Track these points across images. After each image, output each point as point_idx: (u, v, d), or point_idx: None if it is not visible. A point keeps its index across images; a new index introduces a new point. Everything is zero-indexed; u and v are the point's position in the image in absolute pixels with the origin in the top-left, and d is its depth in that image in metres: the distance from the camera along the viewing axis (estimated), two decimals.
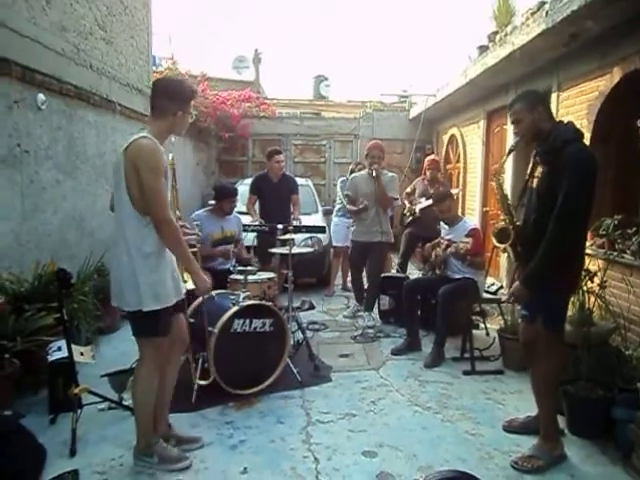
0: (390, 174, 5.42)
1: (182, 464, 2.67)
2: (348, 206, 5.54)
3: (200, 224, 4.23)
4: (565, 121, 2.82)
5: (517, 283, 2.77)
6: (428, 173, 6.27)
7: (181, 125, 2.65)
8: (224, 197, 4.69)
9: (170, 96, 2.59)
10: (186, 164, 8.27)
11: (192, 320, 3.63)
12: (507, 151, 3.11)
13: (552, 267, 2.61)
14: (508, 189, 5.82)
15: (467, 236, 4.28)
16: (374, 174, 5.07)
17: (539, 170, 2.76)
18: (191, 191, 8.94)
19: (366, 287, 5.50)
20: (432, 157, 6.62)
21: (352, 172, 6.38)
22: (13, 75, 3.97)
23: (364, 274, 5.54)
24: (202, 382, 3.32)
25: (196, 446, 2.88)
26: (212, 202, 4.92)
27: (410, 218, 6.13)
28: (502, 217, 2.91)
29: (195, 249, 2.97)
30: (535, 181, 2.78)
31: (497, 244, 2.90)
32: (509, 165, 6.24)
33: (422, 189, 6.23)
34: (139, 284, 2.44)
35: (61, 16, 4.75)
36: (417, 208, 6.01)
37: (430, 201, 5.41)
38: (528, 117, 2.71)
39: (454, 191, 6.65)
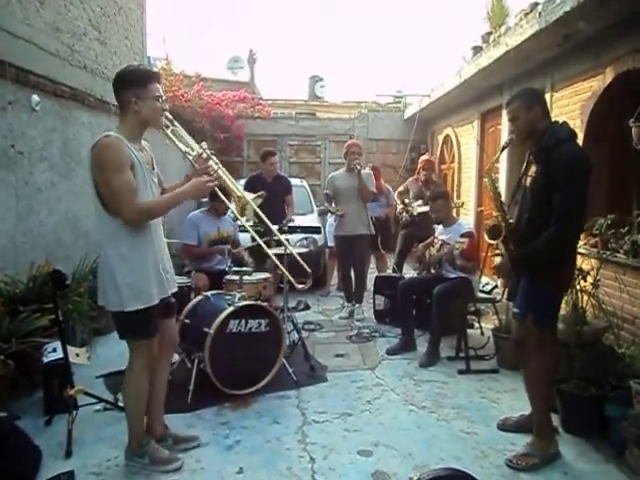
0: (366, 171, 5.71)
1: (173, 465, 2.66)
2: (326, 204, 5.80)
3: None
4: (560, 121, 2.84)
5: (505, 259, 2.81)
6: (422, 174, 6.25)
7: (147, 113, 2.46)
8: (216, 197, 4.69)
9: (124, 84, 2.46)
10: (181, 165, 8.26)
11: (187, 321, 3.65)
12: (500, 148, 3.12)
13: (544, 263, 2.65)
14: (502, 187, 5.86)
15: (462, 236, 4.30)
16: (358, 167, 5.32)
17: (533, 169, 2.78)
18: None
19: (354, 283, 5.68)
20: (426, 157, 6.56)
21: None
22: (7, 76, 3.96)
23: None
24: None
25: (193, 445, 2.88)
26: (205, 200, 4.91)
27: (407, 219, 6.10)
28: (495, 214, 2.93)
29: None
30: (529, 180, 2.80)
31: (489, 240, 2.92)
32: (503, 164, 6.28)
33: (417, 190, 6.21)
34: (119, 285, 2.43)
35: (55, 17, 4.74)
36: (415, 212, 5.98)
37: (427, 207, 5.44)
38: (524, 116, 2.72)
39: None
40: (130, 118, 2.49)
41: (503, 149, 3.10)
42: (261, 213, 3.07)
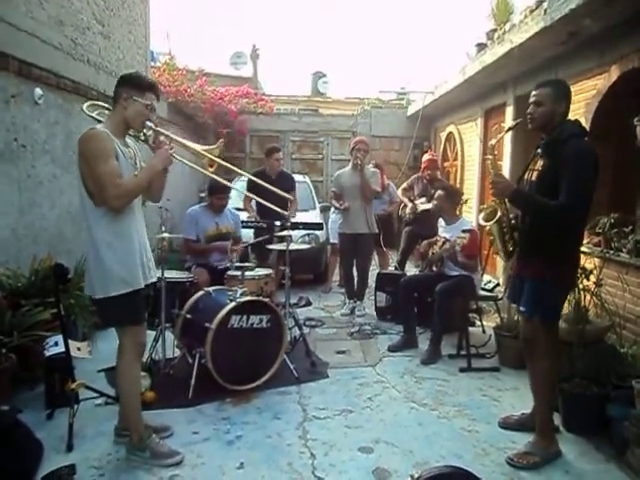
0: (372, 170, 5.74)
1: (173, 459, 2.67)
2: (333, 201, 5.85)
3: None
4: (572, 119, 2.83)
5: (509, 183, 2.82)
6: (427, 172, 6.22)
7: (131, 113, 2.58)
8: (212, 193, 4.71)
9: (122, 82, 2.62)
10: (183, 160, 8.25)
11: (189, 316, 3.66)
12: (506, 128, 3.09)
13: (536, 214, 2.72)
14: None
15: (463, 232, 4.29)
16: (359, 162, 5.36)
17: (539, 163, 2.77)
18: (188, 187, 8.93)
19: (356, 280, 5.71)
20: (429, 157, 6.45)
21: None
22: (10, 69, 3.95)
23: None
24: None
25: (165, 435, 2.90)
26: (202, 195, 4.92)
27: (411, 217, 6.10)
28: (493, 199, 2.93)
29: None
30: (535, 174, 2.78)
31: (484, 222, 2.92)
32: (507, 157, 6.28)
33: (422, 188, 6.20)
34: (105, 270, 2.50)
35: (58, 10, 4.72)
36: (419, 209, 5.96)
37: (430, 205, 5.44)
38: (550, 105, 2.71)
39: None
40: (117, 113, 2.63)
41: (509, 129, 3.06)
42: (223, 162, 3.01)
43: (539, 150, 2.82)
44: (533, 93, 2.79)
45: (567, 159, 2.58)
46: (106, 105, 2.83)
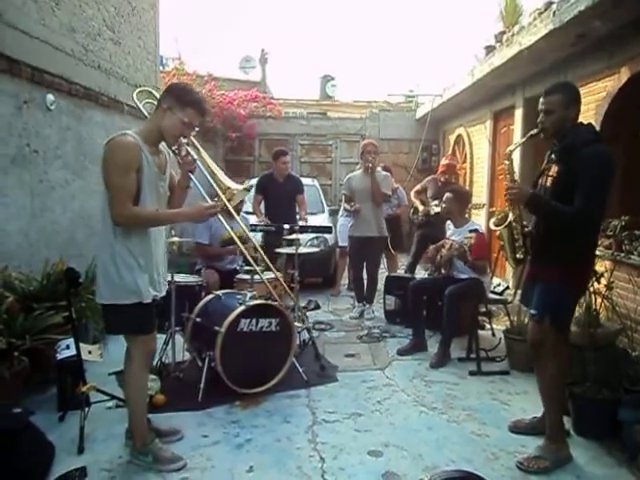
0: (384, 173, 5.74)
1: (176, 465, 2.66)
2: (344, 204, 5.87)
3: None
4: (584, 123, 2.79)
5: (525, 190, 2.74)
6: (444, 177, 6.21)
7: (167, 125, 2.51)
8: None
9: (167, 91, 2.58)
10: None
11: (198, 319, 3.67)
12: (529, 135, 2.86)
13: (551, 220, 2.69)
14: None
15: (470, 232, 4.29)
16: (370, 165, 5.37)
17: (553, 169, 2.74)
18: (197, 190, 8.99)
19: (366, 284, 5.72)
20: (448, 162, 6.38)
21: None
22: (23, 76, 4.01)
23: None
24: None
25: (175, 438, 2.92)
26: (216, 200, 4.91)
27: (423, 219, 6.08)
28: (506, 204, 2.90)
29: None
30: (549, 180, 2.75)
31: (494, 227, 2.90)
32: (516, 160, 6.23)
33: (435, 190, 6.18)
34: (117, 278, 2.47)
35: (70, 17, 4.79)
36: (432, 211, 5.94)
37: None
38: (561, 112, 2.66)
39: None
40: (153, 121, 2.58)
41: (531, 137, 2.86)
42: (230, 207, 3.05)
43: (553, 156, 2.79)
44: (542, 101, 2.72)
45: (584, 165, 2.54)
46: (155, 94, 2.80)
